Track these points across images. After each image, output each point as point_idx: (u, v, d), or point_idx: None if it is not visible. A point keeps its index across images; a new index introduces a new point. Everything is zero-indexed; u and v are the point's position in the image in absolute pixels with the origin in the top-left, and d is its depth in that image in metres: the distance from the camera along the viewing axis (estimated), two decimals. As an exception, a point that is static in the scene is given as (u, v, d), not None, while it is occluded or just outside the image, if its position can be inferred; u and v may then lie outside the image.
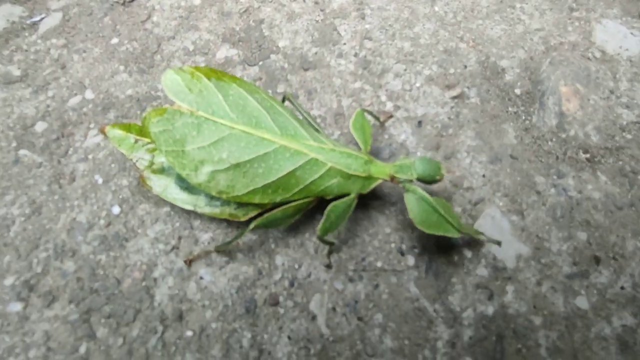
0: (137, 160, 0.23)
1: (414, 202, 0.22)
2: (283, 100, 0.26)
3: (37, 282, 0.23)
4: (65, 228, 0.25)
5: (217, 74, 0.23)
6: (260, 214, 0.22)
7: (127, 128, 0.23)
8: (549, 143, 0.29)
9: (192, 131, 0.21)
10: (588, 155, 0.29)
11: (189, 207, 0.23)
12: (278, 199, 0.22)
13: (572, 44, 0.34)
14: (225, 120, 0.21)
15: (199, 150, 0.21)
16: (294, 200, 0.22)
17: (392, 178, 0.23)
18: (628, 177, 0.28)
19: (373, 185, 0.23)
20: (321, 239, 0.22)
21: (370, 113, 0.27)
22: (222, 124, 0.21)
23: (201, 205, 0.23)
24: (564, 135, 0.30)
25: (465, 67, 0.32)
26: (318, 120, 0.30)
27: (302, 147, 0.22)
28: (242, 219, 0.22)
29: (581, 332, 0.23)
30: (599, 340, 0.23)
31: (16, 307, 0.23)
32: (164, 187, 0.23)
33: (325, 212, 0.22)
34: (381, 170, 0.23)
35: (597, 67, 0.33)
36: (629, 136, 0.30)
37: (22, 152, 0.27)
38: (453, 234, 0.22)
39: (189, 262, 0.24)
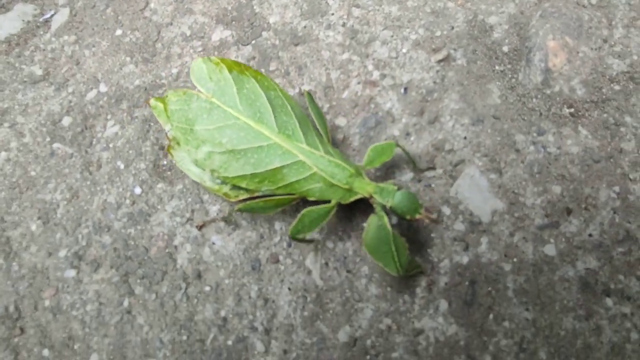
0: (168, 131, 0.27)
1: (375, 227, 0.24)
2: (305, 96, 0.28)
3: (84, 253, 0.29)
4: (99, 208, 0.30)
5: (241, 67, 0.27)
6: (250, 199, 0.26)
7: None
8: (534, 100, 0.31)
9: (203, 114, 0.25)
10: (572, 110, 0.31)
11: (196, 179, 0.28)
12: (263, 188, 0.25)
13: (566, -9, 0.34)
14: (233, 110, 0.25)
15: (204, 132, 0.26)
16: (279, 195, 0.26)
17: (371, 197, 0.25)
18: (610, 129, 0.30)
19: (353, 198, 0.25)
20: (294, 237, 0.25)
21: (406, 152, 0.28)
22: (229, 113, 0.25)
23: (205, 180, 0.28)
24: (548, 92, 0.31)
25: (452, 28, 0.33)
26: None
27: (293, 148, 0.25)
28: (233, 199, 0.27)
29: (546, 276, 0.27)
30: (562, 282, 0.27)
31: (71, 273, 0.29)
32: (182, 158, 0.28)
33: (300, 214, 0.24)
34: (363, 187, 0.25)
35: (592, 15, 0.33)
36: (617, 87, 0.31)
37: (55, 145, 0.32)
38: (392, 271, 0.24)
39: (200, 227, 0.29)
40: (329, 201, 0.26)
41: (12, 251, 0.30)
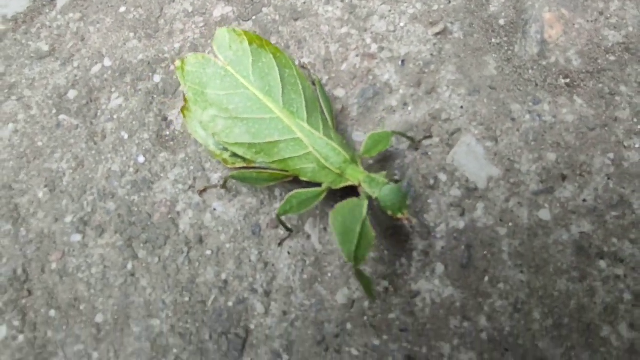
0: (185, 91, 0.28)
1: (351, 204, 0.23)
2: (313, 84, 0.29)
3: (89, 219, 0.30)
4: (104, 176, 0.31)
5: (262, 41, 0.28)
6: (245, 168, 0.27)
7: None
8: (530, 71, 0.32)
9: (216, 79, 0.27)
10: (568, 81, 0.31)
11: (201, 142, 0.28)
12: (259, 160, 0.26)
13: (563, -35, 0.34)
14: (245, 80, 0.26)
15: (214, 96, 0.27)
16: (272, 169, 0.26)
17: (360, 185, 0.25)
18: (605, 98, 0.30)
19: (343, 184, 0.25)
20: (278, 218, 0.25)
21: (403, 135, 0.28)
22: (240, 82, 0.26)
23: (210, 144, 0.28)
24: (544, 63, 0.32)
25: (450, 2, 0.34)
26: (308, 67, 0.33)
27: (294, 125, 0.26)
28: (230, 166, 0.28)
29: (541, 240, 0.27)
30: (556, 245, 0.27)
31: (77, 237, 0.30)
32: (192, 120, 0.28)
33: (288, 195, 0.25)
34: (354, 174, 0.25)
35: (588, -12, 0.33)
36: (612, 58, 0.31)
37: (61, 117, 0.34)
38: (344, 255, 0.23)
39: (201, 192, 0.30)
40: (320, 185, 0.26)
41: (20, 217, 0.31)
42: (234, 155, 0.28)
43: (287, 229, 0.28)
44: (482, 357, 0.26)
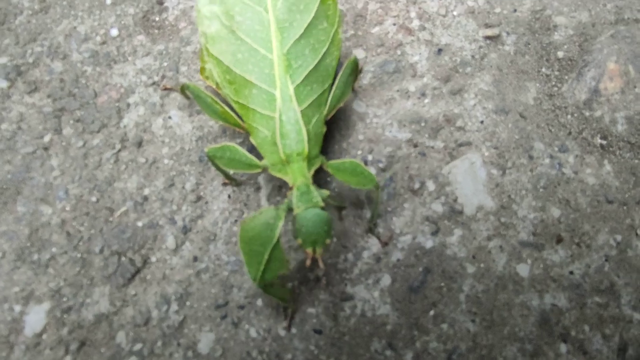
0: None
1: (264, 218, 0.19)
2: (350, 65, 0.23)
3: (26, 70, 0.26)
4: (64, 33, 0.27)
5: None
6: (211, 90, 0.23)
7: None
8: (568, 116, 0.28)
9: (236, 6, 0.22)
10: (605, 142, 0.28)
11: (201, 29, 0.23)
12: (226, 91, 0.22)
13: (647, 24, 0.30)
14: (272, 2, 0.22)
15: (224, 25, 0.22)
16: (230, 109, 0.22)
17: (291, 188, 0.20)
18: (636, 176, 0.27)
19: (278, 175, 0.21)
20: (208, 157, 0.21)
21: (375, 204, 0.23)
22: (265, 2, 0.22)
23: (204, 41, 0.23)
24: (587, 114, 0.28)
25: (515, 10, 0.30)
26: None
27: (279, 79, 0.21)
28: (202, 78, 0.24)
29: (508, 295, 0.24)
30: (522, 307, 0.23)
31: (3, 84, 0.25)
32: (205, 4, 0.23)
33: (226, 143, 0.21)
34: (295, 173, 0.21)
35: (664, 57, 0.30)
36: (660, 138, 0.28)
37: (47, -49, 0.29)
38: (249, 274, 0.19)
39: (165, 88, 0.25)
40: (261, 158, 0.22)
41: (-50, 36, 0.26)
42: (211, 70, 0.24)
43: (227, 177, 0.23)
44: (391, 395, 0.22)
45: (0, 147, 0.24)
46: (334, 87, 0.23)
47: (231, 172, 0.23)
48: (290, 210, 0.20)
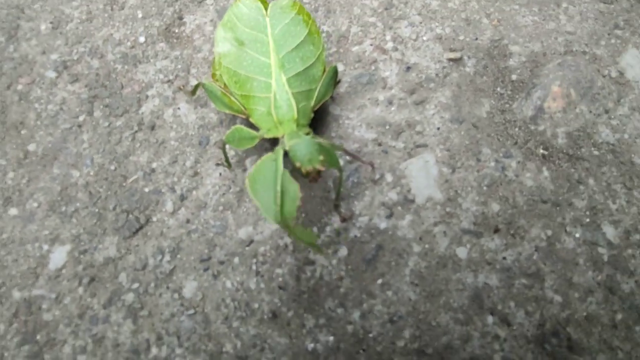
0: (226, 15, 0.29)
1: (267, 167, 0.22)
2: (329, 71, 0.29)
3: (71, 65, 0.33)
4: (103, 38, 0.34)
5: (309, 18, 0.29)
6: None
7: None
8: (516, 129, 0.33)
9: (251, 20, 0.29)
10: (546, 152, 0.32)
11: (215, 51, 0.29)
12: (232, 88, 0.28)
13: (594, 56, 0.35)
14: (272, 29, 0.28)
15: (240, 29, 0.29)
16: (240, 102, 0.28)
17: (283, 136, 0.24)
18: (571, 182, 0.31)
19: (272, 135, 0.25)
20: (223, 145, 0.26)
21: (340, 184, 0.27)
22: (266, 30, 0.28)
23: (218, 47, 0.29)
24: (532, 127, 0.33)
25: (476, 39, 0.36)
26: (323, 35, 0.35)
27: (275, 73, 0.27)
28: (213, 79, 0.29)
29: (447, 272, 0.28)
30: (458, 283, 0.28)
31: (52, 74, 0.32)
32: (218, 34, 0.29)
33: (233, 126, 0.26)
34: (286, 127, 0.24)
35: (605, 85, 0.34)
36: (596, 152, 0.32)
37: (96, -26, 0.36)
38: (267, 215, 0.20)
39: (179, 88, 0.32)
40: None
41: (15, 36, 0.33)
42: (222, 77, 0.30)
43: (226, 161, 0.29)
44: (338, 345, 0.26)
45: (45, 122, 0.31)
46: (319, 86, 0.29)
47: (240, 150, 0.27)
48: (285, 154, 0.23)
